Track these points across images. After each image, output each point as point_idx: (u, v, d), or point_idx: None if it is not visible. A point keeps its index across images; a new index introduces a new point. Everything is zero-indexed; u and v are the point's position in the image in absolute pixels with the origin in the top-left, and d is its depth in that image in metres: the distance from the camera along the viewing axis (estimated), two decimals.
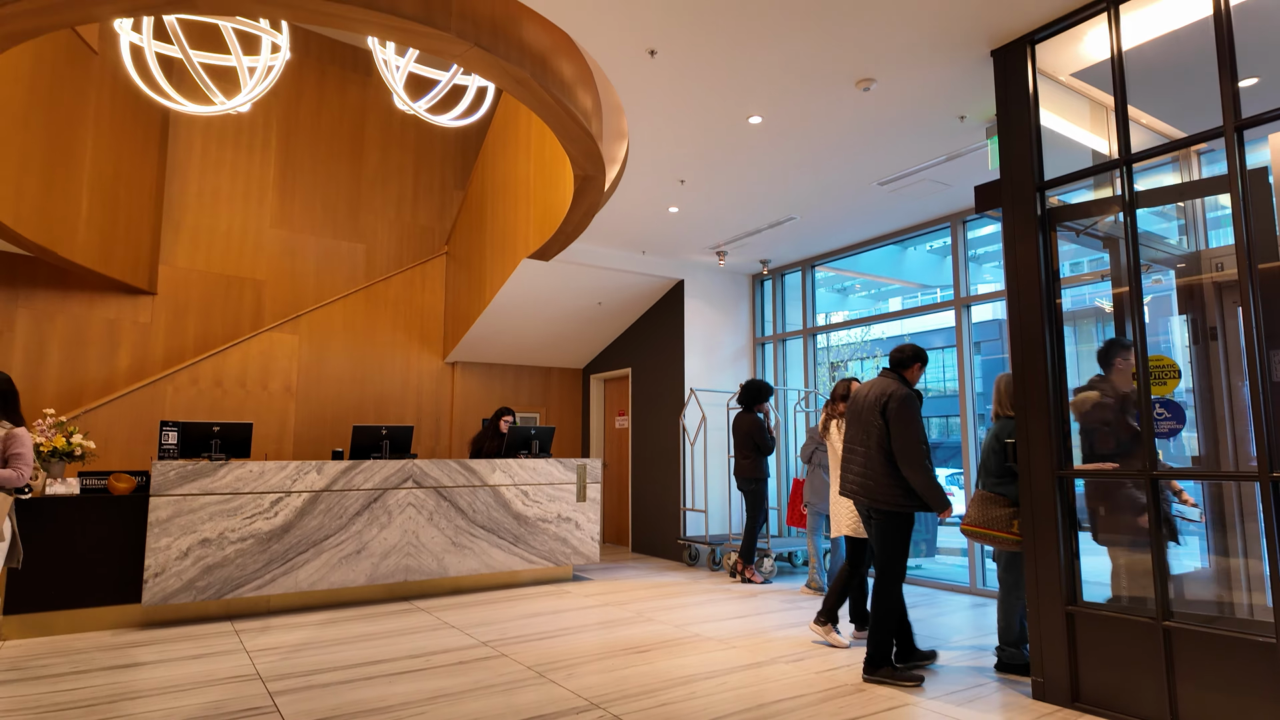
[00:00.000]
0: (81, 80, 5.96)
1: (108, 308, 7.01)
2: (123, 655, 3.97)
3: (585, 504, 6.32)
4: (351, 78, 8.69)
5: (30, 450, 3.57)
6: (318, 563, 5.07)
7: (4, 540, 3.42)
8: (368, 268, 8.60)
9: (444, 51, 3.42)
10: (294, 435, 7.39)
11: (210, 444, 4.95)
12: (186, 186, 7.56)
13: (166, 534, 4.60)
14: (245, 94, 4.34)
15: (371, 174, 8.74)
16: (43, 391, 6.64)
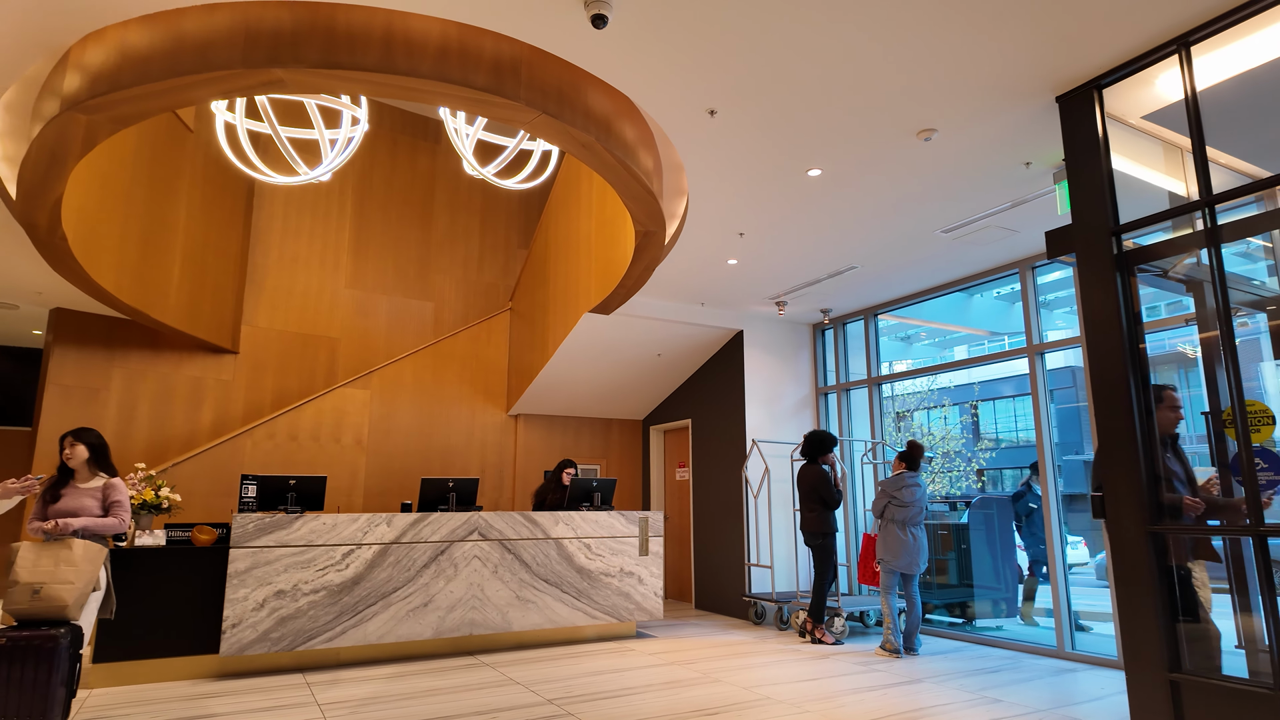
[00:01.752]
0: (177, 157, 6.44)
1: (194, 366, 7.40)
2: (198, 706, 4.06)
3: (648, 558, 6.24)
4: (421, 146, 9.15)
5: (128, 499, 3.78)
6: (386, 615, 5.13)
7: (100, 590, 3.57)
8: (436, 325, 8.88)
9: (514, 120, 3.58)
10: (364, 487, 7.58)
11: (286, 496, 5.11)
12: (269, 251, 8.01)
13: (244, 585, 4.74)
14: (326, 164, 4.61)
15: (440, 236, 9.10)
16: (133, 446, 7.00)
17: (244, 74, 3.16)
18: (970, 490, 12.10)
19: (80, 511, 3.66)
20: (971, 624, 6.57)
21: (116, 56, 3.23)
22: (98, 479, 3.76)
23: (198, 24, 3.15)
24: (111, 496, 3.74)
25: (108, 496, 3.73)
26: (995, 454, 12.73)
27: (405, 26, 3.21)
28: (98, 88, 3.23)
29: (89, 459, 3.75)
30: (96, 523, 3.64)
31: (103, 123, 3.50)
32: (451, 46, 3.27)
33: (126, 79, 3.18)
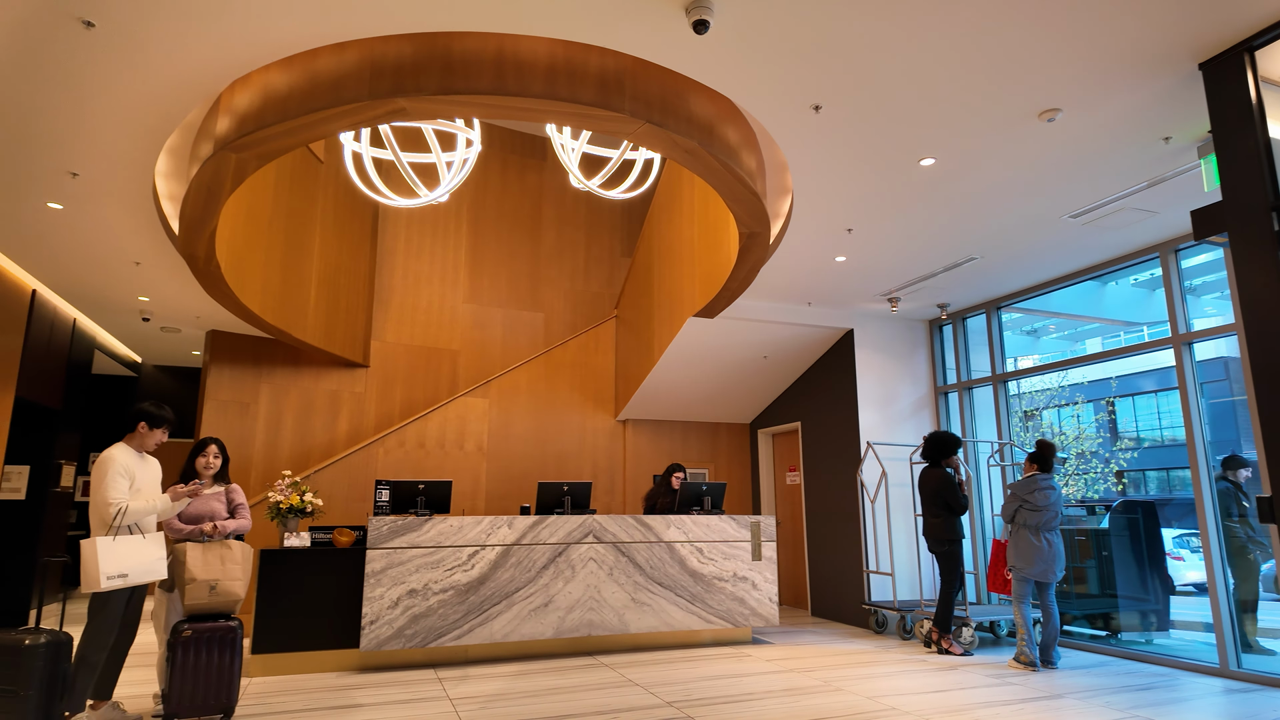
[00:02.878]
0: (311, 187, 6.98)
1: (330, 380, 7.98)
2: (344, 697, 4.36)
3: (761, 563, 6.17)
4: (530, 163, 9.49)
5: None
6: (509, 614, 5.33)
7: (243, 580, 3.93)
8: (546, 335, 9.17)
9: (619, 131, 3.66)
10: (486, 491, 7.92)
11: (416, 500, 5.42)
12: (394, 271, 8.53)
13: (380, 584, 5.05)
14: (444, 186, 4.88)
15: (549, 249, 9.40)
16: (280, 454, 7.63)
17: (371, 105, 3.40)
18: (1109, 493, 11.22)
19: (213, 515, 4.05)
20: (1116, 637, 6.09)
21: (260, 98, 3.55)
22: (218, 485, 4.16)
23: (329, 62, 3.41)
24: (235, 499, 4.17)
25: (232, 500, 4.16)
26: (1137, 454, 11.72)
27: (515, 49, 3.35)
28: (245, 128, 3.56)
29: (220, 469, 4.17)
30: (239, 524, 4.04)
31: (249, 160, 3.86)
32: (559, 65, 3.39)
33: (269, 118, 3.49)
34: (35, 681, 3.14)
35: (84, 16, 3.07)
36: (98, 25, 3.13)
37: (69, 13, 3.05)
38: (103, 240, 5.42)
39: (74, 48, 3.27)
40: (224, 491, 4.15)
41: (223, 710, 3.70)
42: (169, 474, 4.01)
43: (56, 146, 4.10)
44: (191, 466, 4.07)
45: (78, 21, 3.10)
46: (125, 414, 9.88)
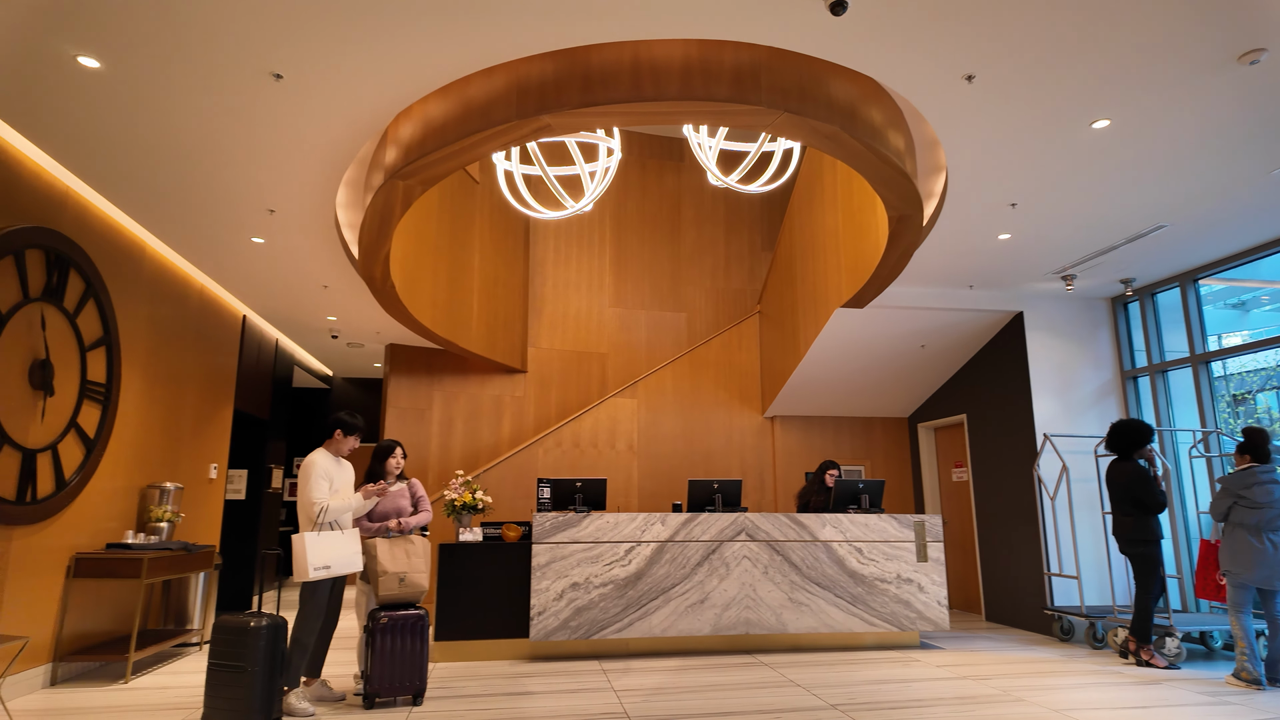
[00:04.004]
0: (469, 207, 7.47)
1: (493, 386, 8.51)
2: (517, 684, 4.62)
3: (927, 564, 5.86)
4: (668, 165, 9.61)
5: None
6: (666, 610, 5.42)
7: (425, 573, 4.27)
8: (690, 334, 9.24)
9: (757, 124, 3.63)
10: (638, 489, 8.12)
11: (574, 497, 5.65)
12: (545, 281, 8.95)
13: (545, 577, 5.31)
14: (588, 196, 5.05)
15: (689, 249, 9.47)
16: (452, 456, 8.22)
17: (519, 125, 3.59)
18: None
19: (400, 511, 4.46)
20: None
21: (421, 128, 3.85)
22: (400, 482, 4.54)
23: (480, 88, 3.64)
24: (418, 493, 4.59)
25: (415, 494, 4.56)
26: None
27: (650, 55, 3.42)
28: (409, 156, 3.88)
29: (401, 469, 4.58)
30: (421, 518, 4.43)
31: (415, 186, 4.20)
32: (693, 65, 3.41)
33: (430, 145, 3.78)
34: (260, 658, 3.59)
35: (274, 70, 3.48)
36: (285, 77, 3.53)
37: (262, 68, 3.46)
38: (296, 268, 6.10)
39: (266, 98, 3.71)
40: (407, 488, 4.55)
41: (414, 692, 4.05)
42: (357, 476, 4.44)
43: (256, 187, 4.66)
44: (381, 467, 4.48)
45: (269, 75, 3.51)
46: (322, 422, 11.04)
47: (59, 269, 4.42)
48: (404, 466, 4.63)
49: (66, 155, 4.23)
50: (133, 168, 4.37)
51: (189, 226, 5.25)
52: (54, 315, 4.41)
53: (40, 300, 4.28)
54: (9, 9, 3.02)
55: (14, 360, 4.09)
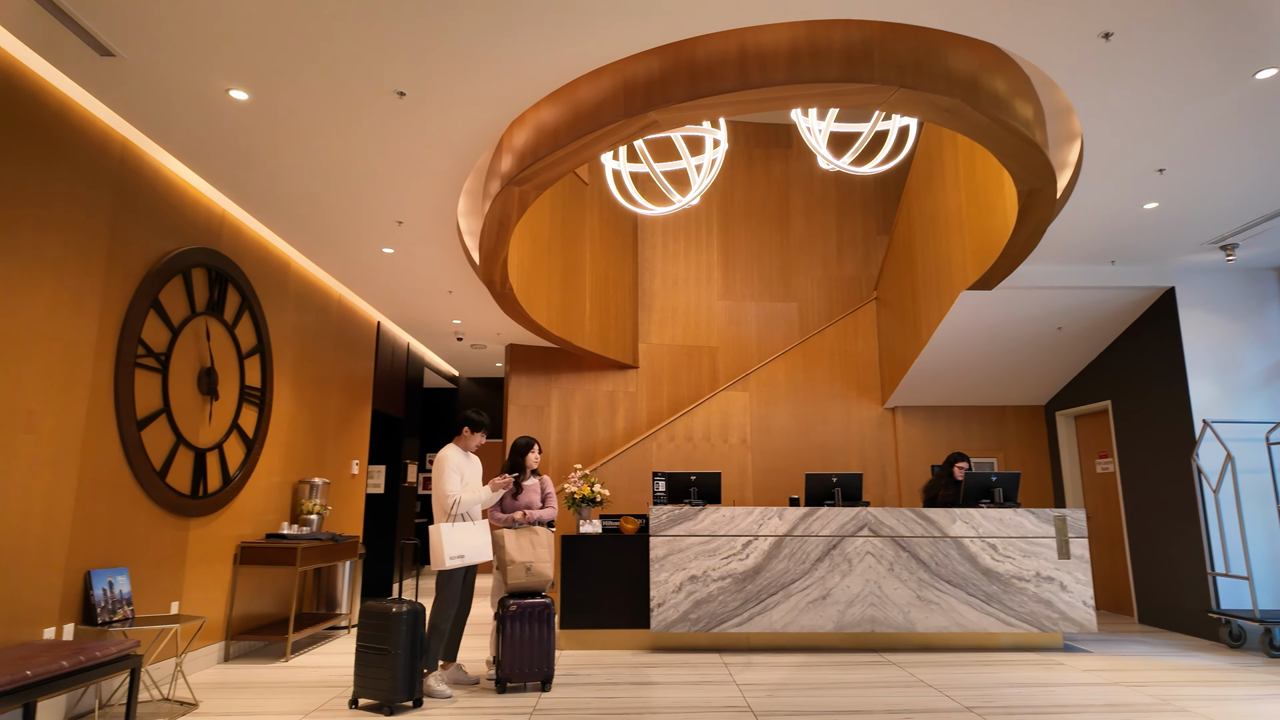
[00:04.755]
0: (580, 208, 7.64)
1: (607, 382, 8.67)
2: (640, 674, 4.70)
3: (1070, 561, 5.47)
4: (774, 153, 9.44)
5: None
6: (787, 605, 5.35)
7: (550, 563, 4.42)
8: (801, 324, 9.05)
9: (870, 103, 3.51)
10: (753, 483, 8.04)
11: (689, 491, 5.67)
12: (654, 277, 9.03)
13: (664, 570, 5.37)
14: (695, 190, 5.04)
15: (798, 237, 9.27)
16: (570, 451, 8.46)
17: (627, 124, 3.64)
18: None
19: (530, 505, 4.62)
20: None
21: (534, 134, 3.97)
22: (533, 478, 4.69)
23: (588, 90, 3.72)
24: (547, 489, 4.73)
25: (545, 490, 4.69)
26: None
27: (756, 41, 3.37)
28: (524, 162, 4.02)
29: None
30: (547, 513, 4.58)
31: (530, 191, 4.34)
32: (801, 48, 3.33)
33: (543, 150, 3.89)
34: (402, 642, 3.83)
35: (397, 88, 3.69)
36: (408, 94, 3.74)
37: (385, 87, 3.68)
38: (423, 275, 6.46)
39: (391, 116, 3.95)
40: (538, 484, 4.72)
41: (543, 678, 4.21)
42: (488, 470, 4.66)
43: (385, 201, 4.97)
44: (521, 461, 4.69)
45: (393, 93, 3.74)
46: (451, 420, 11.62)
47: (219, 285, 4.89)
48: (535, 463, 4.80)
49: (222, 181, 4.67)
50: (277, 190, 4.77)
51: (327, 241, 5.67)
52: (216, 327, 4.88)
53: (205, 314, 4.75)
54: (178, 54, 3.37)
55: (185, 369, 4.56)
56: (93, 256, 3.79)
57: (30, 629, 3.41)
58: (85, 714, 3.71)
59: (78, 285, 3.69)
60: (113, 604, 3.79)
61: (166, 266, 4.31)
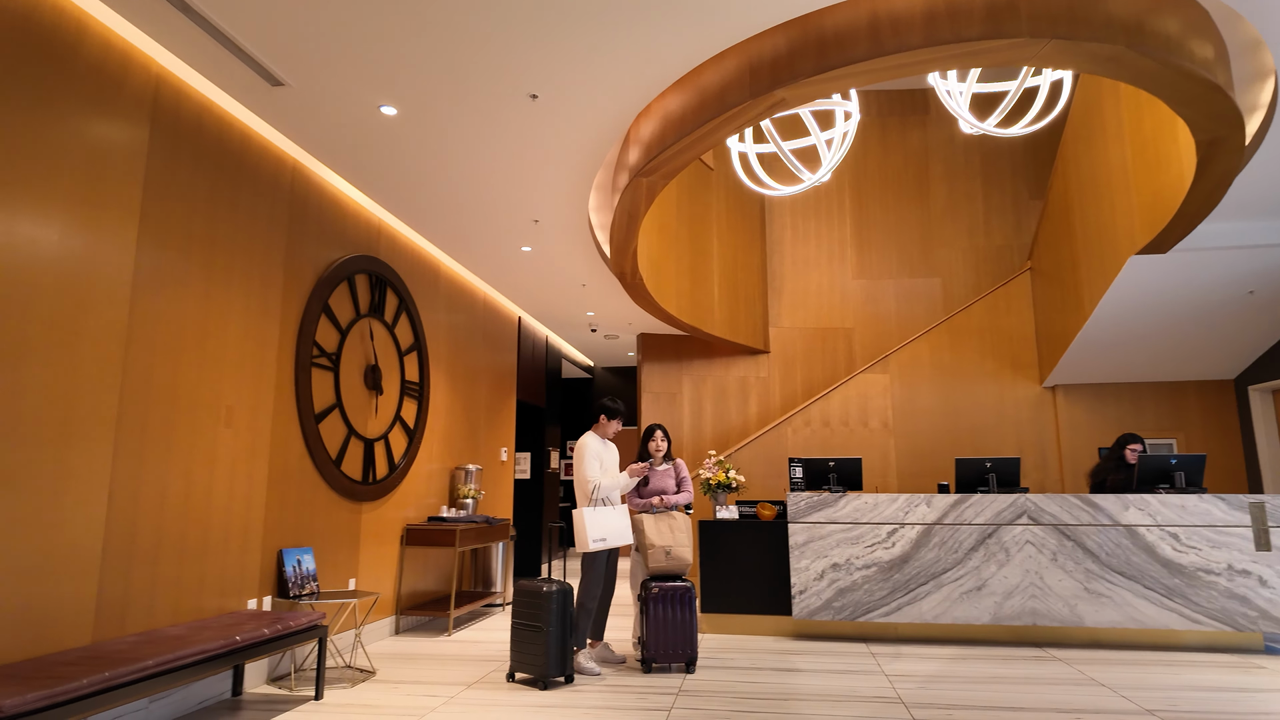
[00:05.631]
0: (705, 194, 7.62)
1: (738, 368, 8.63)
2: (783, 660, 4.67)
3: (1270, 554, 4.86)
4: (910, 121, 8.97)
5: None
6: (938, 596, 5.12)
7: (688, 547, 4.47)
8: (945, 300, 8.57)
9: (1018, 59, 3.26)
10: (896, 469, 7.73)
11: (828, 477, 5.55)
12: (783, 259, 8.86)
13: (804, 557, 5.29)
14: (827, 165, 4.90)
15: (939, 208, 8.76)
16: (703, 437, 8.50)
17: (753, 105, 3.59)
18: None
19: (665, 490, 4.69)
20: None
21: (660, 124, 4.01)
22: (666, 463, 4.75)
23: (713, 74, 3.70)
24: (682, 474, 4.77)
25: (679, 474, 4.74)
26: None
27: (888, 6, 3.22)
28: (651, 153, 4.07)
29: (666, 450, 4.78)
30: (682, 497, 4.63)
31: (658, 181, 4.39)
32: (938, 7, 3.15)
33: (669, 139, 3.92)
34: (553, 620, 4.03)
35: (530, 92, 3.84)
36: (540, 96, 3.89)
37: (519, 91, 3.84)
38: (558, 270, 6.70)
39: (525, 118, 4.12)
40: (672, 468, 4.80)
41: (687, 660, 4.28)
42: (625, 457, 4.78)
43: (522, 201, 5.19)
44: (645, 448, 4.80)
45: (526, 96, 3.89)
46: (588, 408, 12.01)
47: (379, 289, 5.31)
48: (667, 448, 4.86)
49: (377, 192, 5.06)
50: (425, 197, 5.11)
51: (471, 243, 6.01)
52: (378, 328, 5.31)
53: (368, 316, 5.18)
54: (336, 78, 3.69)
55: (353, 366, 5.00)
56: (273, 268, 4.24)
57: (237, 599, 3.88)
58: (283, 676, 4.19)
59: (262, 294, 4.14)
60: (301, 579, 4.25)
61: (334, 274, 4.74)
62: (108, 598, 3.11)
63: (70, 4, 3.00)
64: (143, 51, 3.35)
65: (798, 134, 8.14)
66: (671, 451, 4.93)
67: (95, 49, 3.11)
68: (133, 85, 3.30)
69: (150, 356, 3.36)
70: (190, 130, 3.63)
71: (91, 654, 2.80)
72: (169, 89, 3.50)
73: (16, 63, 2.78)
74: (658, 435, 4.79)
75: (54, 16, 2.93)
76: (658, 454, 4.75)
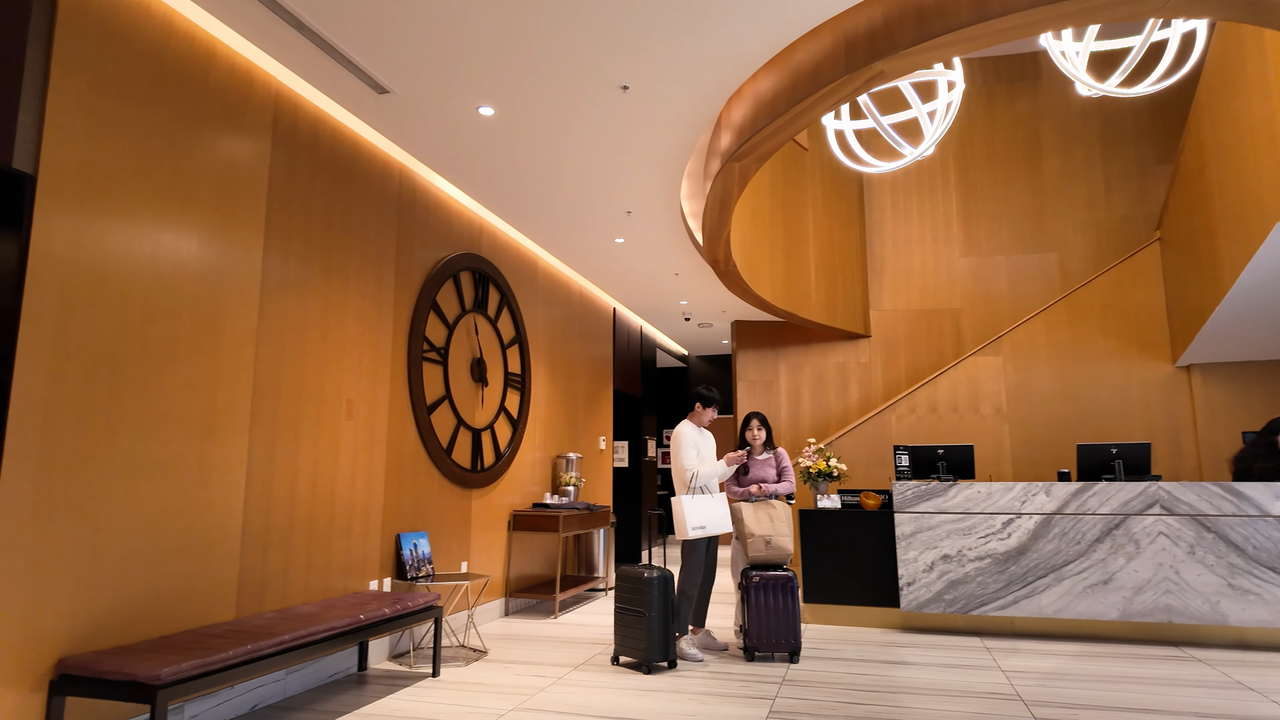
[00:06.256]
0: (799, 175, 7.45)
1: (837, 354, 8.42)
2: (891, 652, 4.55)
3: None
4: (1019, 88, 8.44)
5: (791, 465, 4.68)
6: (1059, 590, 4.84)
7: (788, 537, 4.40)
8: (1062, 276, 8.04)
9: (1141, 12, 3.00)
10: (1011, 456, 7.35)
11: (936, 465, 5.33)
12: (884, 239, 8.55)
13: (912, 548, 5.12)
14: (929, 139, 4.69)
15: (1054, 179, 8.22)
16: (801, 425, 8.36)
17: (849, 80, 3.48)
18: None
19: (765, 479, 4.64)
20: None
21: (751, 106, 3.95)
22: (766, 451, 4.69)
23: (806, 51, 3.61)
24: (782, 463, 4.68)
25: (780, 463, 4.65)
26: None
27: None
28: (743, 136, 4.01)
29: (765, 439, 4.72)
30: (782, 486, 4.57)
31: (750, 165, 4.33)
32: None
33: (762, 120, 3.86)
34: (655, 605, 4.08)
35: (621, 83, 3.87)
36: (631, 87, 3.90)
37: (611, 83, 3.87)
38: (651, 260, 6.73)
39: (617, 110, 4.15)
40: (773, 457, 4.75)
41: (790, 650, 4.24)
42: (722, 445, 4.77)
43: (615, 193, 5.24)
44: (743, 438, 4.78)
45: (617, 88, 3.92)
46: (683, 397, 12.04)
47: (482, 285, 5.51)
48: (766, 436, 4.80)
49: (478, 191, 5.23)
50: (522, 194, 5.24)
51: (566, 237, 6.13)
52: (482, 322, 5.51)
53: (472, 311, 5.38)
54: (437, 82, 3.84)
55: (460, 360, 5.21)
56: (385, 268, 4.47)
57: (360, 580, 4.14)
58: (402, 653, 4.44)
59: (376, 294, 4.38)
60: (417, 562, 4.48)
61: (440, 272, 4.95)
62: (248, 577, 3.39)
63: (200, 31, 3.25)
64: (264, 70, 3.59)
65: (897, 107, 7.83)
66: (773, 440, 4.86)
67: (222, 71, 3.36)
68: (256, 102, 3.55)
69: (278, 355, 3.62)
70: (307, 141, 3.87)
71: (236, 628, 3.06)
72: (287, 104, 3.74)
73: (156, 88, 3.04)
74: (754, 424, 4.74)
75: (186, 44, 3.18)
76: (755, 443, 4.71)
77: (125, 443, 2.83)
